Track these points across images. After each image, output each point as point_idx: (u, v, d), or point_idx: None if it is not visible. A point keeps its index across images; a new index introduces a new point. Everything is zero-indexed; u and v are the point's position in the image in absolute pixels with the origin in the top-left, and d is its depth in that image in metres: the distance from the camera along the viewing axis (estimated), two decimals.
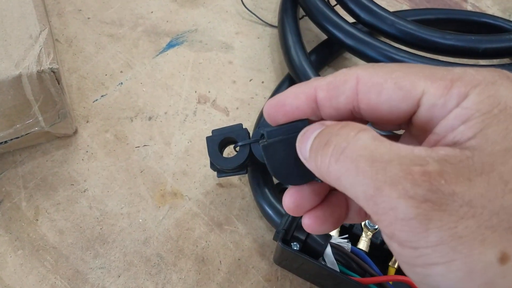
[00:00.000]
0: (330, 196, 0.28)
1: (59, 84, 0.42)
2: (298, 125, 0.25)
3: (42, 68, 0.40)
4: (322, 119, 0.25)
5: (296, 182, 0.26)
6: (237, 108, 0.54)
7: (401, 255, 0.20)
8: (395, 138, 0.27)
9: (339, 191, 0.24)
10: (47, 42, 0.42)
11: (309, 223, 0.27)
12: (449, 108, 0.21)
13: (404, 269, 0.21)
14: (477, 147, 0.19)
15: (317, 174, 0.23)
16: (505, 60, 0.59)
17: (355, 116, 0.25)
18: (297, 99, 0.25)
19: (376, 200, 0.19)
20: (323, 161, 0.22)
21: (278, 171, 0.26)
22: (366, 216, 0.28)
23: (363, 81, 0.23)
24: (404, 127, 0.26)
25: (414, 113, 0.22)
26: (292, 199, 0.26)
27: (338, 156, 0.21)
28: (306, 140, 0.24)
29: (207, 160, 0.49)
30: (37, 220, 0.45)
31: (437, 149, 0.20)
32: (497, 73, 0.21)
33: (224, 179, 0.49)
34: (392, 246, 0.20)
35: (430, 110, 0.21)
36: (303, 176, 0.26)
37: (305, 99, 0.25)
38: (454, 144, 0.20)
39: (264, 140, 0.26)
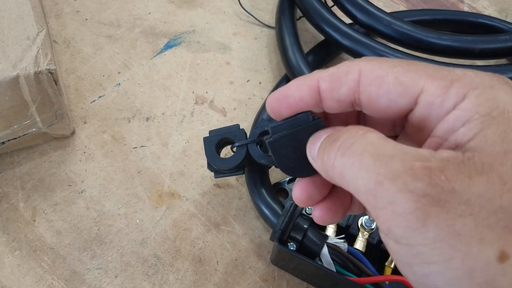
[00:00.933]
0: (335, 187, 0.28)
1: (56, 85, 0.42)
2: (301, 117, 0.26)
3: (39, 69, 0.40)
4: (324, 112, 0.26)
5: (304, 174, 0.27)
6: (235, 109, 0.54)
7: (397, 254, 0.20)
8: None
9: None
10: (44, 43, 0.42)
11: (321, 215, 0.27)
12: (446, 108, 0.21)
13: (401, 268, 0.21)
14: (477, 148, 0.19)
15: (322, 172, 0.24)
16: (502, 61, 0.59)
17: (355, 109, 0.25)
18: (300, 90, 0.25)
19: (376, 194, 0.19)
20: (329, 157, 0.22)
21: (285, 165, 0.27)
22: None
23: (365, 73, 0.23)
24: (398, 130, 0.27)
25: (411, 110, 0.22)
26: (303, 191, 0.27)
27: (345, 151, 0.21)
28: (317, 141, 0.24)
29: (204, 161, 0.49)
30: (34, 220, 0.46)
31: (440, 152, 0.20)
32: (496, 78, 0.21)
33: (221, 180, 0.49)
34: (389, 244, 0.20)
35: (427, 108, 0.22)
36: (309, 169, 0.26)
37: (308, 90, 0.25)
38: (456, 147, 0.20)
39: (269, 136, 0.26)
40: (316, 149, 0.24)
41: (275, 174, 0.50)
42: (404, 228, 0.19)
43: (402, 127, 0.26)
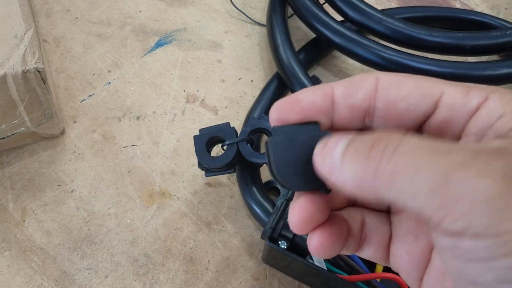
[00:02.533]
0: (332, 215, 0.25)
1: (44, 83, 0.42)
2: (310, 126, 0.23)
3: (27, 68, 0.40)
4: (330, 126, 0.24)
5: (300, 188, 0.23)
6: (226, 107, 0.54)
7: (473, 252, 0.17)
8: None
9: (337, 212, 0.24)
10: (32, 41, 0.42)
11: (322, 241, 0.24)
12: (469, 108, 0.21)
13: (468, 272, 0.18)
14: None
15: (348, 185, 0.20)
16: (494, 57, 0.59)
17: (365, 123, 0.23)
18: (313, 95, 0.23)
19: (445, 189, 0.17)
20: (370, 164, 0.19)
21: (282, 173, 0.23)
22: (360, 247, 0.26)
23: (383, 79, 0.22)
24: None
25: (430, 115, 0.22)
26: (303, 210, 0.23)
27: (391, 154, 0.18)
28: (331, 150, 0.21)
29: (195, 160, 0.48)
30: (24, 221, 0.45)
31: (489, 142, 0.19)
32: (505, 89, 0.21)
33: (212, 178, 0.49)
34: (460, 245, 0.17)
35: (450, 110, 0.21)
36: (310, 183, 0.23)
37: (322, 95, 0.23)
38: (497, 136, 0.20)
39: (272, 138, 0.23)
40: (336, 158, 0.20)
41: (267, 173, 0.49)
42: (490, 217, 0.16)
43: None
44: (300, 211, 0.23)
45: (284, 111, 0.23)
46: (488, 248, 0.17)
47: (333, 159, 0.20)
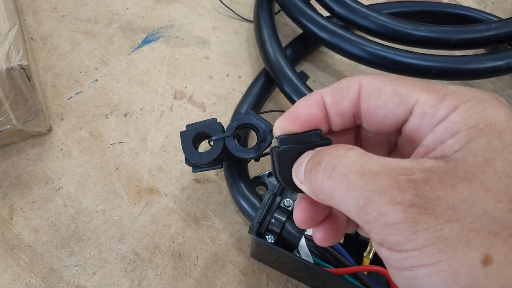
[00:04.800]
0: (332, 209, 0.28)
1: (29, 81, 0.42)
2: (311, 134, 0.26)
3: (11, 65, 0.40)
4: (331, 130, 0.27)
5: (300, 191, 0.26)
6: (214, 104, 0.54)
7: (390, 259, 0.21)
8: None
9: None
10: (16, 39, 0.42)
11: (324, 236, 0.27)
12: (437, 118, 0.22)
13: (392, 273, 0.22)
14: (460, 159, 0.20)
15: (311, 194, 0.24)
16: (481, 51, 0.59)
17: (356, 123, 0.26)
18: (309, 107, 0.26)
19: (367, 209, 0.20)
20: (316, 179, 0.23)
21: (286, 178, 0.26)
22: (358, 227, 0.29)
23: (365, 85, 0.24)
24: (392, 148, 0.28)
25: (406, 121, 0.23)
26: (305, 212, 0.27)
27: (330, 173, 0.22)
28: (300, 165, 0.25)
29: (183, 156, 0.48)
30: (11, 219, 0.45)
31: (422, 161, 0.21)
32: (487, 93, 0.22)
33: (201, 175, 0.49)
34: (382, 252, 0.21)
35: (421, 118, 0.23)
36: None
37: (316, 105, 0.26)
38: (442, 157, 0.21)
39: (277, 146, 0.26)
40: (302, 172, 0.24)
41: (255, 168, 0.49)
42: (396, 236, 0.20)
43: (396, 144, 0.27)
44: (302, 211, 0.27)
45: (287, 129, 0.26)
46: (397, 259, 0.20)
47: (301, 175, 0.25)
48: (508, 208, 0.19)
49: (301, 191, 0.26)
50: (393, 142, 0.28)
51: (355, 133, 0.28)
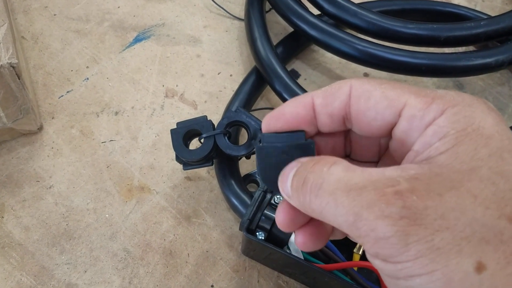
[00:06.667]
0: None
1: (19, 79, 0.42)
2: (295, 135, 0.26)
3: (0, 63, 0.40)
4: (318, 131, 0.27)
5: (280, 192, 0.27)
6: (206, 102, 0.54)
7: (384, 270, 0.21)
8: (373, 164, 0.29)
9: None
10: (6, 37, 0.42)
11: (304, 240, 0.27)
12: (426, 121, 0.22)
13: (387, 282, 0.22)
14: (445, 165, 0.21)
15: (301, 210, 0.24)
16: (470, 48, 0.60)
17: (346, 127, 0.26)
18: (296, 107, 0.26)
19: (357, 225, 0.20)
20: (304, 199, 0.23)
21: (267, 176, 0.26)
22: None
23: (355, 88, 0.25)
24: (383, 152, 0.28)
25: (395, 124, 0.24)
26: (286, 214, 0.26)
27: (317, 192, 0.22)
28: (286, 180, 0.25)
29: (174, 154, 0.48)
30: (2, 217, 0.45)
31: (407, 168, 0.21)
32: (476, 98, 0.22)
33: (192, 172, 0.49)
34: (376, 263, 0.21)
35: (409, 121, 0.23)
36: None
37: (304, 106, 0.26)
38: (427, 159, 0.21)
39: (259, 142, 0.27)
40: (289, 187, 0.25)
41: (246, 166, 0.50)
42: (389, 250, 0.20)
43: (386, 148, 0.27)
44: (283, 214, 0.26)
45: (272, 124, 0.26)
46: (392, 270, 0.20)
47: (287, 190, 0.25)
48: (497, 214, 0.19)
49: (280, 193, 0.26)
50: (384, 146, 0.28)
51: (345, 136, 0.29)
